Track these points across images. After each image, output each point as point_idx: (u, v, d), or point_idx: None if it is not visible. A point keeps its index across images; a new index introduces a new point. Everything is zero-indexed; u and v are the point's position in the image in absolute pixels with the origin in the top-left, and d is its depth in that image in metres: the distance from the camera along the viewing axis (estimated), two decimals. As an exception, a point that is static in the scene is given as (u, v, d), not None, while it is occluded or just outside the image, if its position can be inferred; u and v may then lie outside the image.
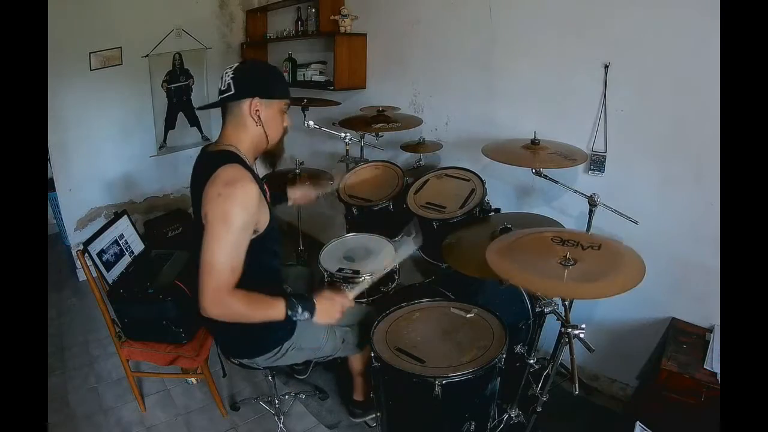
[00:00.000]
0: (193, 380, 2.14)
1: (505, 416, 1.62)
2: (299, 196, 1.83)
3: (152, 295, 1.72)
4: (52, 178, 2.93)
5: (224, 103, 1.31)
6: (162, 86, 3.29)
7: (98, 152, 3.06)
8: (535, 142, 1.68)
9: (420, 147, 2.27)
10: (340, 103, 2.71)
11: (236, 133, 1.32)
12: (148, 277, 1.81)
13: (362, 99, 2.78)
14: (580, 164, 1.71)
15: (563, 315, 1.20)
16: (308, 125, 2.25)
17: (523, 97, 2.05)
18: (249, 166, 1.31)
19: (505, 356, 1.34)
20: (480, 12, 2.10)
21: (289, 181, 2.34)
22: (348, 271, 1.72)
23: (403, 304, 1.59)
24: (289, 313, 1.27)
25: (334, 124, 2.44)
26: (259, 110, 1.29)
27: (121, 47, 2.99)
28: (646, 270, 1.15)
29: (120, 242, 1.90)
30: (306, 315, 1.31)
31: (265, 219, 1.30)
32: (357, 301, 1.69)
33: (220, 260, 1.17)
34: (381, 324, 1.51)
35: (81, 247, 1.73)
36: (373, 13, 2.65)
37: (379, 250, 1.85)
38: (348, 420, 1.91)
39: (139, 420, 1.93)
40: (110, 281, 1.78)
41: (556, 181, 1.69)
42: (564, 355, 1.29)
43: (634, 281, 1.10)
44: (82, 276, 2.96)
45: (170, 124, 3.41)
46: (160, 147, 3.40)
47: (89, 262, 1.73)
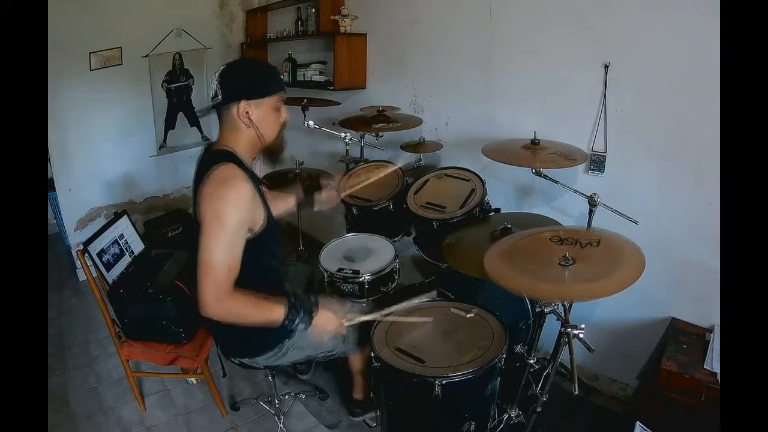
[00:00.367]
0: (193, 380, 2.14)
1: (505, 416, 1.62)
2: (325, 199, 1.77)
3: (152, 295, 1.72)
4: (52, 178, 2.93)
5: (218, 109, 1.31)
6: (162, 86, 3.29)
7: (98, 152, 3.06)
8: (535, 142, 1.68)
9: (420, 147, 2.27)
10: (340, 103, 2.71)
11: (232, 136, 1.32)
12: (148, 277, 1.81)
13: (362, 99, 2.78)
14: (580, 164, 1.71)
15: (563, 315, 1.20)
16: (308, 125, 2.26)
17: (523, 97, 2.05)
18: (245, 165, 1.31)
19: (505, 356, 1.34)
20: (480, 12, 2.10)
21: (289, 181, 2.35)
22: (348, 271, 1.72)
23: (404, 304, 1.58)
24: (285, 322, 1.28)
25: (334, 124, 2.44)
26: (249, 112, 1.28)
27: (121, 47, 3.00)
28: (646, 270, 1.14)
29: (120, 242, 1.90)
30: (302, 327, 1.32)
31: (260, 218, 1.30)
32: (357, 300, 1.70)
33: (217, 259, 1.18)
34: (381, 324, 1.51)
35: (81, 247, 1.73)
36: (373, 13, 2.65)
37: (379, 250, 1.84)
38: (348, 420, 1.91)
39: (139, 420, 1.93)
40: (110, 281, 1.79)
41: (556, 181, 1.69)
42: (564, 355, 1.29)
43: (634, 276, 1.10)
44: (82, 276, 2.96)
45: (170, 124, 3.41)
46: (160, 147, 3.40)
47: (89, 262, 1.73)
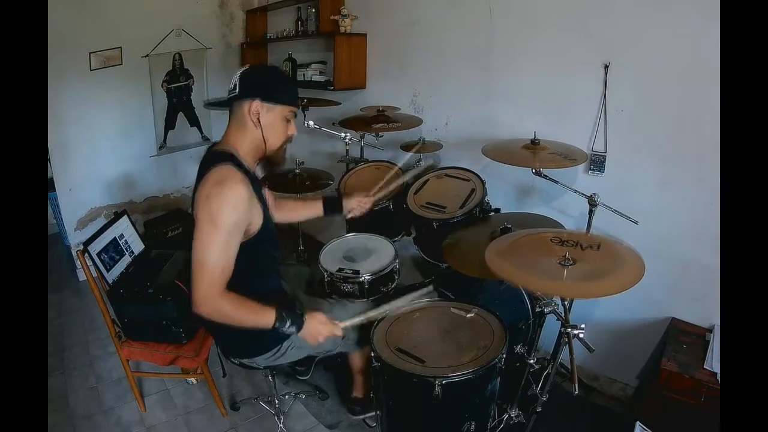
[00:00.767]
0: (193, 380, 2.14)
1: (505, 416, 1.62)
2: (355, 204, 1.76)
3: (152, 295, 1.72)
4: (52, 178, 2.93)
5: (231, 102, 1.32)
6: (162, 86, 3.29)
7: (98, 152, 3.06)
8: (535, 142, 1.68)
9: (420, 147, 2.27)
10: (340, 103, 2.71)
11: (237, 134, 1.33)
12: (148, 277, 1.81)
13: (362, 99, 2.78)
14: (580, 164, 1.71)
15: (563, 315, 1.20)
16: (308, 125, 2.25)
17: (523, 97, 2.05)
18: (244, 167, 1.30)
19: (505, 356, 1.34)
20: (480, 12, 2.10)
21: (289, 181, 2.34)
22: (348, 271, 1.72)
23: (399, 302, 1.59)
24: (276, 325, 1.28)
25: (334, 124, 2.44)
26: (259, 112, 1.29)
27: (121, 47, 2.99)
28: (646, 270, 1.15)
29: (120, 242, 1.90)
30: (293, 330, 1.32)
31: (257, 221, 1.30)
32: (357, 300, 1.70)
33: (210, 260, 1.18)
34: (381, 324, 1.51)
35: (81, 247, 1.73)
36: (373, 13, 2.65)
37: (379, 250, 1.84)
38: (348, 420, 1.90)
39: (139, 420, 1.93)
40: (110, 281, 1.79)
41: (556, 181, 1.69)
42: (564, 355, 1.29)
43: (633, 280, 1.11)
44: (82, 276, 2.96)
45: (170, 124, 3.41)
46: (160, 147, 3.40)
47: (89, 262, 1.73)
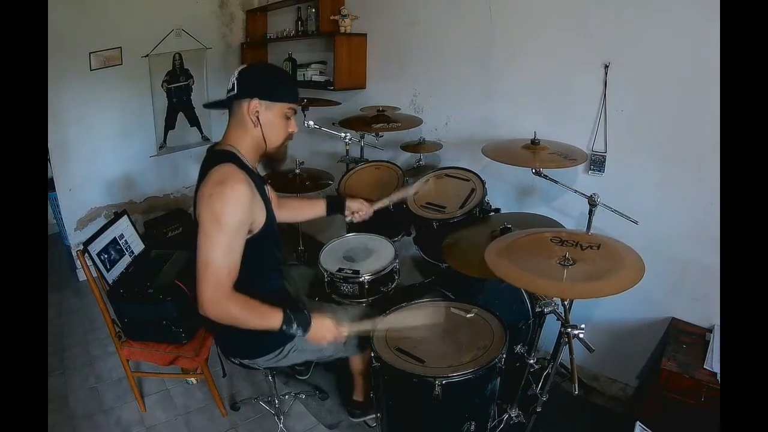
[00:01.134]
0: (193, 380, 2.14)
1: (505, 416, 1.62)
2: (357, 208, 1.74)
3: (152, 295, 1.72)
4: (52, 178, 2.93)
5: (230, 102, 1.32)
6: (162, 86, 3.29)
7: (98, 152, 3.06)
8: (535, 142, 1.68)
9: (420, 147, 2.27)
10: (340, 103, 2.71)
11: (237, 134, 1.33)
12: (148, 277, 1.81)
13: (362, 99, 2.78)
14: (580, 164, 1.71)
15: (563, 315, 1.20)
16: (308, 125, 2.25)
17: (523, 97, 2.05)
18: (246, 165, 1.31)
19: (505, 356, 1.34)
20: (480, 12, 2.10)
21: (289, 181, 2.34)
22: (348, 271, 1.72)
23: (403, 304, 1.59)
24: (284, 328, 1.28)
25: (334, 124, 2.44)
26: (258, 111, 1.29)
27: (121, 47, 2.99)
28: (646, 270, 1.15)
29: (120, 242, 1.90)
30: (300, 332, 1.31)
31: (260, 219, 1.30)
32: (357, 302, 1.70)
33: (215, 260, 1.17)
34: (381, 324, 1.51)
35: (81, 247, 1.73)
36: (373, 13, 2.65)
37: (379, 250, 1.84)
38: (348, 420, 1.90)
39: (139, 420, 1.93)
40: (110, 281, 1.79)
41: (556, 181, 1.69)
42: (564, 355, 1.29)
43: (633, 280, 1.11)
44: (82, 276, 2.96)
45: (170, 124, 3.41)
46: (160, 147, 3.40)
47: (89, 262, 1.73)
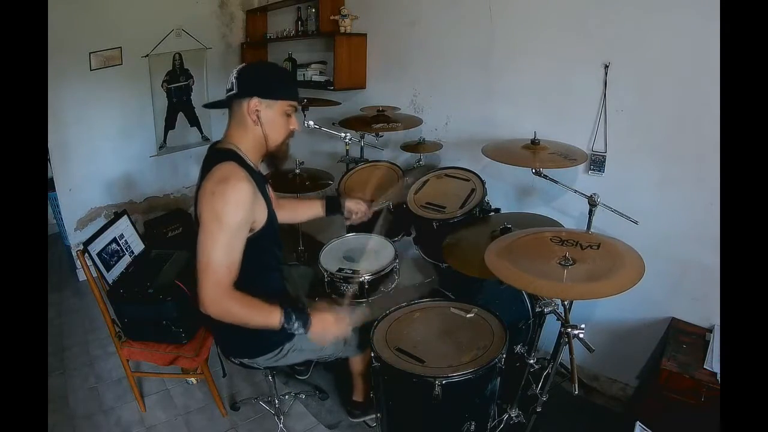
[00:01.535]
0: (193, 380, 2.14)
1: (505, 416, 1.62)
2: (354, 207, 1.73)
3: (152, 295, 1.72)
4: (52, 178, 2.93)
5: (230, 102, 1.32)
6: (162, 86, 3.29)
7: (98, 152, 3.06)
8: (535, 142, 1.68)
9: (420, 147, 2.27)
10: (340, 103, 2.71)
11: (238, 133, 1.33)
12: (148, 277, 1.81)
13: (362, 99, 2.78)
14: (580, 164, 1.71)
15: (563, 315, 1.20)
16: (308, 125, 2.25)
17: (523, 97, 2.05)
18: (248, 164, 1.31)
19: (505, 356, 1.34)
20: (480, 12, 2.10)
21: (289, 181, 2.34)
22: (348, 271, 1.72)
23: (403, 304, 1.59)
24: (284, 325, 1.28)
25: (334, 124, 2.44)
26: (258, 110, 1.29)
27: (121, 47, 2.99)
28: (646, 270, 1.15)
29: (120, 242, 1.90)
30: (300, 329, 1.31)
31: (262, 218, 1.30)
32: (357, 301, 1.70)
33: (216, 259, 1.18)
34: (381, 324, 1.51)
35: (81, 247, 1.73)
36: (373, 13, 2.65)
37: (379, 250, 1.84)
38: (348, 420, 1.91)
39: (139, 420, 1.93)
40: (110, 281, 1.79)
41: (556, 181, 1.69)
42: (564, 355, 1.29)
43: (633, 280, 1.11)
44: (82, 276, 2.96)
45: (170, 124, 3.41)
46: (160, 147, 3.40)
47: (89, 262, 1.73)
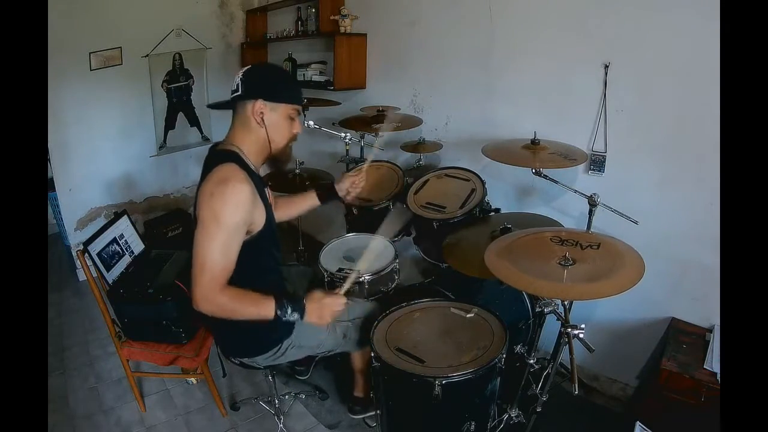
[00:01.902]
0: (193, 380, 2.14)
1: (505, 416, 1.62)
2: (348, 185, 1.70)
3: (152, 295, 1.72)
4: (52, 178, 2.93)
5: (234, 103, 1.32)
6: (162, 86, 3.29)
7: (98, 152, 3.06)
8: (535, 142, 1.68)
9: (420, 147, 2.27)
10: (340, 103, 2.71)
11: (241, 134, 1.33)
12: (148, 277, 1.81)
13: (362, 99, 2.78)
14: (580, 164, 1.71)
15: (563, 315, 1.20)
16: (308, 125, 2.25)
17: (523, 97, 2.05)
18: (248, 166, 1.31)
19: (505, 356, 1.34)
20: (480, 12, 2.10)
21: (289, 181, 2.34)
22: (348, 271, 1.72)
23: (403, 304, 1.59)
24: (278, 313, 1.27)
25: (334, 124, 2.44)
26: (263, 112, 1.30)
27: (121, 47, 2.99)
28: (646, 270, 1.15)
29: (120, 242, 1.90)
30: (296, 316, 1.30)
31: (260, 220, 1.30)
32: (355, 299, 1.70)
33: (212, 258, 1.18)
34: (381, 324, 1.51)
35: (81, 247, 1.73)
36: (373, 13, 2.65)
37: (379, 250, 1.84)
38: (348, 420, 1.90)
39: (139, 420, 1.93)
40: (110, 281, 1.79)
41: (556, 181, 1.69)
42: (564, 355, 1.29)
43: (633, 280, 1.11)
44: (82, 276, 2.96)
45: (170, 124, 3.41)
46: (160, 147, 3.40)
47: (89, 262, 1.73)
